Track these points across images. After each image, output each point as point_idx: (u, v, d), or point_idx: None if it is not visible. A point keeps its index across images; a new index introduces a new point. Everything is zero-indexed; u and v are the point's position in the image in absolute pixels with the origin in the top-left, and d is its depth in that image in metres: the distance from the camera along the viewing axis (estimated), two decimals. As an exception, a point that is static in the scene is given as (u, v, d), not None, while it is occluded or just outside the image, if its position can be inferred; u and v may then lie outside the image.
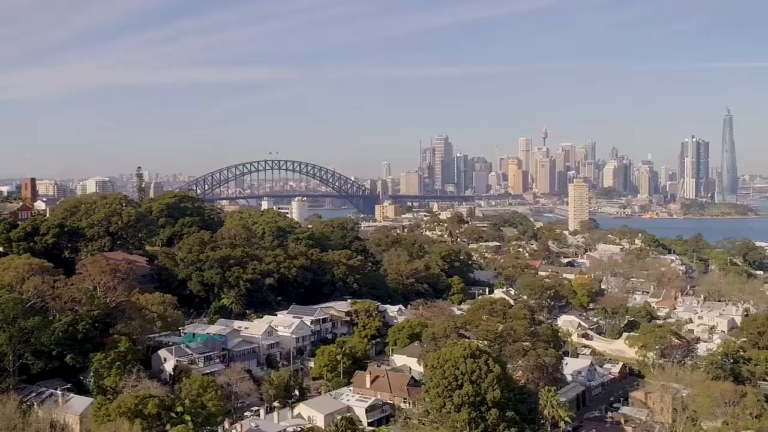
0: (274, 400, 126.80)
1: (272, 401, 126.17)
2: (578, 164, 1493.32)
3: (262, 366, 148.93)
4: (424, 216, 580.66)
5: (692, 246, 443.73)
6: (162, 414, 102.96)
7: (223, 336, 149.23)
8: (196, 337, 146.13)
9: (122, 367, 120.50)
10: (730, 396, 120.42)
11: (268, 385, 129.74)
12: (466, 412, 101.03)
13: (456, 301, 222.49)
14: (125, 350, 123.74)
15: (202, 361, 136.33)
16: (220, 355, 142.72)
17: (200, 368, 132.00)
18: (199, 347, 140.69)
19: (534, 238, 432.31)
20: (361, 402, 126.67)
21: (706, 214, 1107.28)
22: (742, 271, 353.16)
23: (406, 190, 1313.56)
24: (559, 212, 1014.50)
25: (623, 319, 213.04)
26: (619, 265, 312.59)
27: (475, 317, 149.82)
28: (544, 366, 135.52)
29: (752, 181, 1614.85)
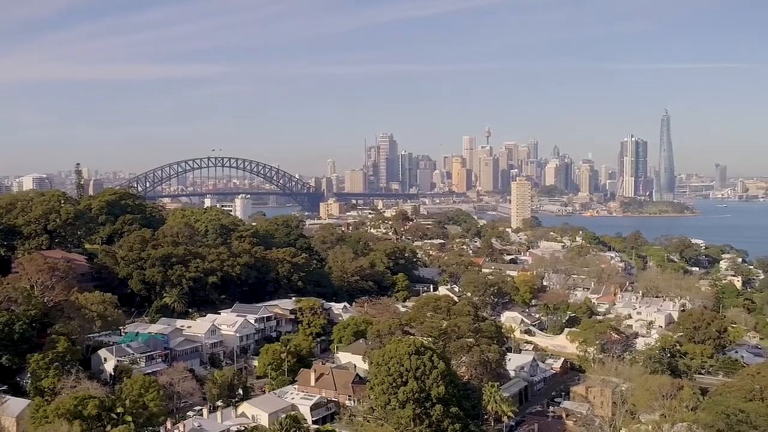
0: (217, 399, 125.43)
1: (215, 400, 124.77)
2: (521, 163, 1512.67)
3: (205, 365, 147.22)
4: (368, 214, 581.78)
5: (631, 243, 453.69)
6: (102, 415, 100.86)
7: (165, 335, 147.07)
8: (138, 337, 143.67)
9: (61, 368, 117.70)
10: (668, 389, 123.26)
11: (212, 384, 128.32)
12: (410, 408, 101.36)
13: (401, 299, 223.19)
14: (64, 350, 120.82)
15: (143, 361, 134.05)
16: (162, 354, 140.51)
17: (142, 368, 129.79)
18: (140, 347, 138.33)
19: (477, 235, 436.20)
20: (306, 400, 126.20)
21: (644, 212, 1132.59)
22: (678, 268, 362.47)
23: (351, 188, 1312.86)
24: (502, 210, 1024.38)
25: (565, 315, 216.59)
26: (560, 262, 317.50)
27: (419, 314, 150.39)
28: (488, 362, 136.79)
29: (689, 179, 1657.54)
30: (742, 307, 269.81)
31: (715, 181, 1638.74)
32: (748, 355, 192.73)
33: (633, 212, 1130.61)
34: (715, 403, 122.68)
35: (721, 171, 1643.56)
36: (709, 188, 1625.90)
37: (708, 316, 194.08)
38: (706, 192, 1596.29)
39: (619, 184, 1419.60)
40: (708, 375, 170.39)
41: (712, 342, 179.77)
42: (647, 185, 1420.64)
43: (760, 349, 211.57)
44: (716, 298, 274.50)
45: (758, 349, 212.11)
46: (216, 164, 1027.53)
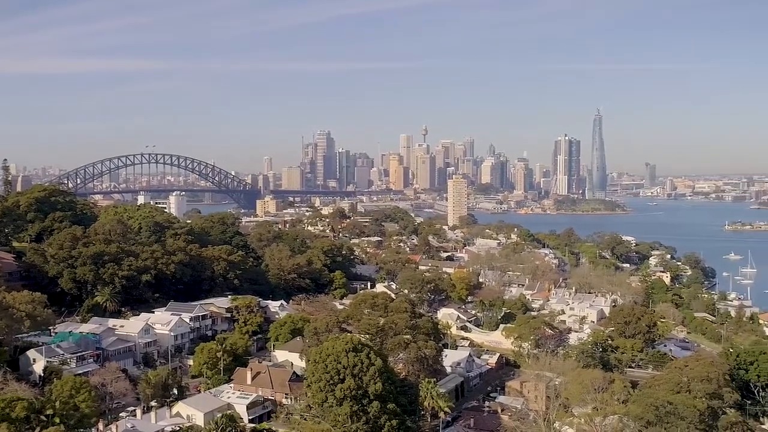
0: (151, 399, 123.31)
1: (149, 401, 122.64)
2: (457, 161, 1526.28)
3: (138, 365, 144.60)
4: (306, 211, 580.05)
5: (564, 240, 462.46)
6: (31, 417, 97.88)
7: (97, 335, 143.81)
8: (68, 337, 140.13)
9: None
10: (600, 383, 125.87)
11: (145, 384, 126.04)
12: (348, 405, 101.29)
13: (338, 296, 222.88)
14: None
15: (74, 362, 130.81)
16: (93, 354, 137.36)
17: (72, 369, 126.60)
18: (71, 347, 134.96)
19: (414, 233, 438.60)
20: (242, 399, 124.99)
21: (577, 210, 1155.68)
22: (610, 264, 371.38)
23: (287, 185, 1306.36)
24: (438, 208, 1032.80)
25: (500, 311, 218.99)
26: (496, 259, 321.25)
27: (357, 311, 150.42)
28: (425, 358, 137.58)
29: (620, 178, 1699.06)
30: (671, 303, 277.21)
31: (645, 180, 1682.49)
32: (676, 349, 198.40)
33: (566, 210, 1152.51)
34: (644, 396, 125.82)
35: (651, 170, 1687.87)
36: (640, 187, 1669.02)
37: (638, 311, 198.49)
38: (636, 190, 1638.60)
39: (553, 183, 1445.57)
40: (638, 368, 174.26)
41: (642, 336, 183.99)
42: (580, 183, 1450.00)
43: (687, 343, 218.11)
44: (646, 294, 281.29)
45: (685, 342, 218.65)
46: (150, 161, 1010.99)
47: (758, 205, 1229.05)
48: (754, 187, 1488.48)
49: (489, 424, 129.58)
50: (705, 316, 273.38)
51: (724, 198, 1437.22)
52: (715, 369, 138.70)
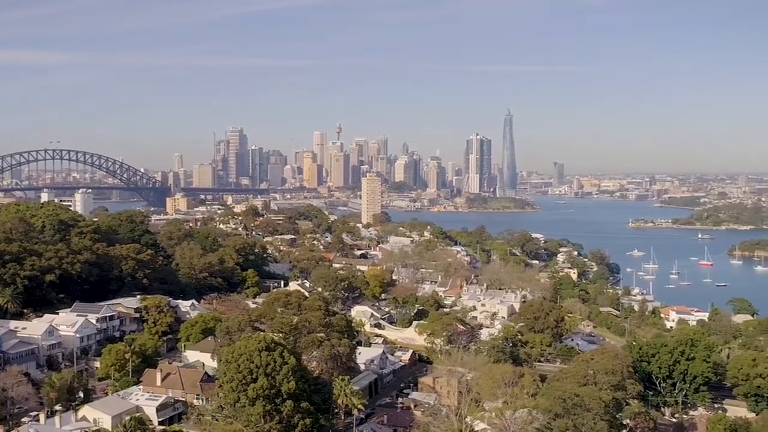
0: (55, 403, 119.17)
1: (54, 405, 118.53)
2: (371, 159, 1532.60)
3: (42, 368, 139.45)
4: (218, 209, 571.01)
5: (476, 238, 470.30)
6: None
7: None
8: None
9: None
10: (510, 377, 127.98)
11: (49, 387, 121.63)
12: (260, 405, 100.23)
13: (251, 295, 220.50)
14: None
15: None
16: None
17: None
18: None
19: (328, 231, 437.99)
20: (152, 401, 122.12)
21: (488, 208, 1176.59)
22: (520, 261, 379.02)
23: (199, 182, 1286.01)
24: (352, 206, 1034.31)
25: (413, 308, 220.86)
26: (409, 256, 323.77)
27: (270, 310, 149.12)
28: (338, 356, 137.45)
29: (530, 177, 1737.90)
30: (578, 298, 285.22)
31: (554, 179, 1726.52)
32: (583, 343, 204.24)
33: (478, 208, 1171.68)
34: (552, 389, 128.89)
35: (559, 169, 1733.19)
36: (548, 185, 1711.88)
37: (547, 306, 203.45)
38: (545, 189, 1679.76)
39: (465, 181, 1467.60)
40: (547, 362, 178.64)
41: (551, 331, 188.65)
42: (491, 182, 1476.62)
43: (593, 337, 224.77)
44: (554, 290, 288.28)
45: (592, 336, 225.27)
46: (54, 157, 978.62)
47: (660, 203, 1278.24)
48: (656, 186, 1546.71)
49: (402, 421, 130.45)
50: (610, 311, 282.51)
51: (628, 196, 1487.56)
52: (619, 362, 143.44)
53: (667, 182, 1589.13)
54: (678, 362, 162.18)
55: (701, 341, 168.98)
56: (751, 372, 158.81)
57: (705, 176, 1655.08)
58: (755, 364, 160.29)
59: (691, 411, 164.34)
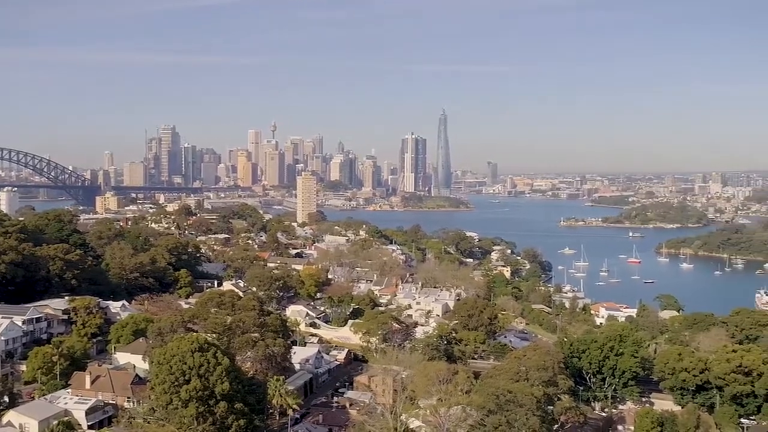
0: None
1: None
2: (307, 158, 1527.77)
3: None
4: (149, 208, 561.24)
5: (411, 236, 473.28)
6: None
7: None
8: None
9: None
10: (444, 375, 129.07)
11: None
12: (193, 407, 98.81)
13: (183, 295, 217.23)
14: None
15: None
16: None
17: None
18: None
19: (263, 230, 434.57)
20: (81, 404, 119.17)
21: (423, 207, 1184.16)
22: (454, 259, 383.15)
23: (130, 181, 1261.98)
24: (288, 204, 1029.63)
25: (348, 307, 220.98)
26: (344, 255, 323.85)
27: (203, 310, 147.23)
28: (273, 356, 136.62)
29: (464, 176, 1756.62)
30: (511, 295, 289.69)
31: (488, 178, 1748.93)
32: (516, 340, 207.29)
33: (413, 207, 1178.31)
34: (486, 386, 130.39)
35: (493, 168, 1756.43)
36: (482, 184, 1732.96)
37: (480, 304, 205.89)
38: (479, 188, 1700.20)
39: (401, 180, 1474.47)
40: (481, 359, 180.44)
41: (485, 328, 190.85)
42: (426, 181, 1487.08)
43: (525, 334, 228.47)
44: (488, 287, 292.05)
45: (524, 333, 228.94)
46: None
47: (590, 202, 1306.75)
48: (587, 185, 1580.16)
49: (337, 420, 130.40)
50: (542, 308, 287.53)
51: (559, 195, 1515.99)
52: (551, 358, 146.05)
53: (597, 182, 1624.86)
54: (607, 358, 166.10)
55: (629, 337, 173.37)
56: (676, 366, 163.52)
57: (633, 176, 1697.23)
58: (681, 358, 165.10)
59: (620, 405, 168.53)
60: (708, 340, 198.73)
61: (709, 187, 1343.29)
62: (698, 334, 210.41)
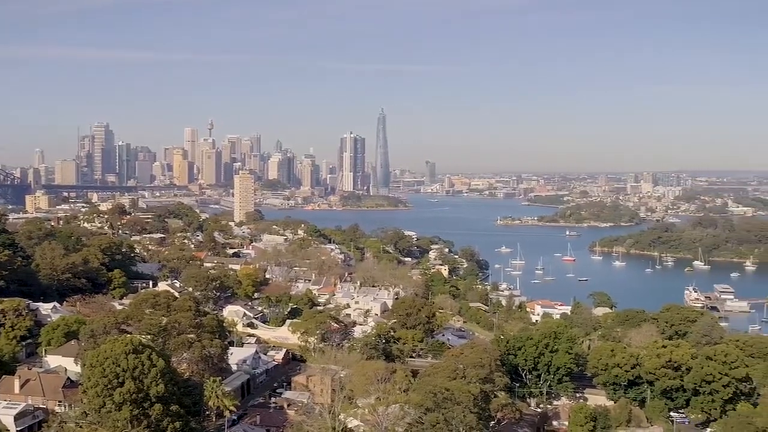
0: None
1: None
2: (244, 156, 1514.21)
3: None
4: (82, 207, 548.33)
5: (350, 235, 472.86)
6: None
7: None
8: None
9: None
10: (383, 373, 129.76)
11: None
12: (127, 409, 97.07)
13: (117, 296, 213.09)
14: None
15: None
16: None
17: None
18: None
19: (200, 229, 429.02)
20: (9, 409, 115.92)
21: (362, 206, 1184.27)
22: (393, 258, 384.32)
23: (61, 179, 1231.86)
24: (225, 203, 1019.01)
25: (287, 306, 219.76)
26: (283, 254, 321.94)
27: (137, 311, 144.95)
28: (209, 357, 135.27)
29: (402, 175, 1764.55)
30: (449, 294, 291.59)
31: (426, 177, 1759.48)
32: (453, 338, 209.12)
33: (352, 206, 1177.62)
34: (424, 384, 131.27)
35: (431, 168, 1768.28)
36: (421, 184, 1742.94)
37: (419, 303, 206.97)
38: (417, 187, 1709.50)
39: (339, 179, 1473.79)
40: (419, 358, 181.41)
41: (422, 327, 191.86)
42: (365, 180, 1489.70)
43: (463, 332, 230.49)
44: (426, 286, 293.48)
45: (462, 331, 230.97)
46: None
47: (527, 201, 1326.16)
48: (523, 184, 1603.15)
49: (275, 420, 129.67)
50: (479, 306, 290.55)
51: (496, 195, 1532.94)
52: (488, 355, 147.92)
53: (533, 181, 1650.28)
54: (542, 354, 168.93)
55: (564, 334, 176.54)
56: (609, 362, 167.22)
57: (568, 176, 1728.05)
58: (613, 354, 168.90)
59: (555, 401, 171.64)
60: (639, 336, 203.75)
61: (641, 186, 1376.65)
62: (630, 331, 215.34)
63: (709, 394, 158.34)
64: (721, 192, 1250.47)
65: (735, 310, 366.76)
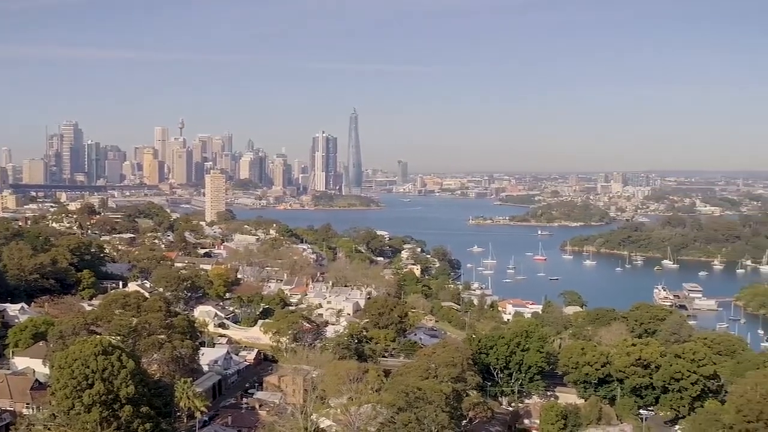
0: None
1: None
2: (215, 155, 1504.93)
3: None
4: (50, 207, 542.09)
5: (322, 235, 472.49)
6: None
7: None
8: None
9: None
10: (355, 373, 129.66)
11: None
12: (97, 411, 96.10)
13: (87, 296, 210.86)
14: None
15: None
16: None
17: None
18: None
19: (170, 229, 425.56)
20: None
21: (334, 206, 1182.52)
22: (365, 258, 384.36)
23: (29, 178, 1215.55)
24: (196, 203, 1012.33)
25: (258, 307, 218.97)
26: (254, 254, 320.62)
27: (107, 312, 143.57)
28: (180, 358, 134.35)
29: (375, 175, 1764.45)
30: (421, 293, 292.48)
31: (398, 177, 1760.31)
32: (425, 337, 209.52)
33: (324, 205, 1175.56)
34: (396, 383, 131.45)
35: (403, 167, 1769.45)
36: (393, 183, 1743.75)
37: (391, 302, 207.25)
38: (390, 187, 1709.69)
39: (311, 179, 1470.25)
40: (391, 357, 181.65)
41: (395, 326, 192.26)
42: (337, 180, 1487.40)
43: (435, 331, 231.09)
44: (398, 286, 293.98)
45: (434, 331, 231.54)
46: None
47: (498, 201, 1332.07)
48: (495, 184, 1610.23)
49: (247, 421, 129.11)
50: (451, 305, 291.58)
51: (468, 194, 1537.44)
52: (460, 354, 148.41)
53: (505, 181, 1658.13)
54: (514, 353, 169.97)
55: (535, 333, 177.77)
56: (580, 360, 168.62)
57: (539, 175, 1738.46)
58: (584, 353, 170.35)
59: (526, 399, 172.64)
60: (609, 334, 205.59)
61: (611, 186, 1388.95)
62: (600, 329, 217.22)
63: (677, 391, 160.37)
64: (690, 192, 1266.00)
65: (703, 309, 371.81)
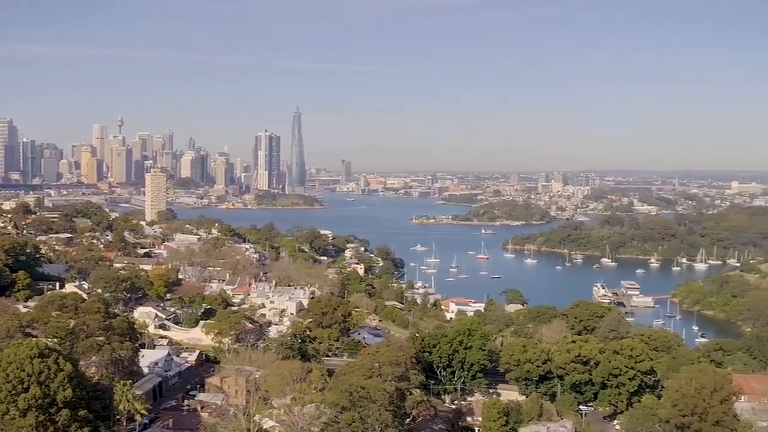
0: None
1: None
2: (156, 154, 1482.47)
3: None
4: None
5: (265, 235, 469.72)
6: None
7: None
8: None
9: None
10: (298, 373, 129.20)
11: None
12: (33, 416, 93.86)
13: (22, 298, 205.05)
14: None
15: None
16: None
17: None
18: None
19: (109, 229, 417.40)
20: None
21: (278, 205, 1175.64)
22: (309, 257, 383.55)
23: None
24: (136, 202, 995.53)
25: (200, 307, 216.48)
26: (196, 254, 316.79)
27: (43, 314, 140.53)
28: (119, 360, 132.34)
29: (318, 174, 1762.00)
30: (364, 292, 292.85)
31: (342, 176, 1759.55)
32: (369, 336, 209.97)
33: (267, 205, 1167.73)
34: (340, 383, 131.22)
35: (347, 166, 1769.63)
36: (336, 182, 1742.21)
37: (334, 302, 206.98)
38: (333, 186, 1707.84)
39: (254, 178, 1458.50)
40: (335, 357, 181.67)
41: (338, 326, 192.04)
42: (280, 178, 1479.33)
43: (379, 330, 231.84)
44: (342, 285, 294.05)
45: (377, 330, 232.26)
46: None
47: (441, 200, 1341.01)
48: (438, 183, 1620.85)
49: (188, 423, 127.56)
50: (395, 304, 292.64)
51: (411, 194, 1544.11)
52: (403, 353, 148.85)
53: (448, 180, 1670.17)
54: (457, 351, 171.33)
55: (477, 331, 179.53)
56: (521, 358, 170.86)
57: (482, 175, 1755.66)
58: (525, 350, 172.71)
59: (469, 397, 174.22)
60: (550, 331, 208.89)
61: (551, 186, 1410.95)
62: (541, 327, 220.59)
63: (616, 387, 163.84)
64: (628, 191, 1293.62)
65: (640, 306, 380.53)
